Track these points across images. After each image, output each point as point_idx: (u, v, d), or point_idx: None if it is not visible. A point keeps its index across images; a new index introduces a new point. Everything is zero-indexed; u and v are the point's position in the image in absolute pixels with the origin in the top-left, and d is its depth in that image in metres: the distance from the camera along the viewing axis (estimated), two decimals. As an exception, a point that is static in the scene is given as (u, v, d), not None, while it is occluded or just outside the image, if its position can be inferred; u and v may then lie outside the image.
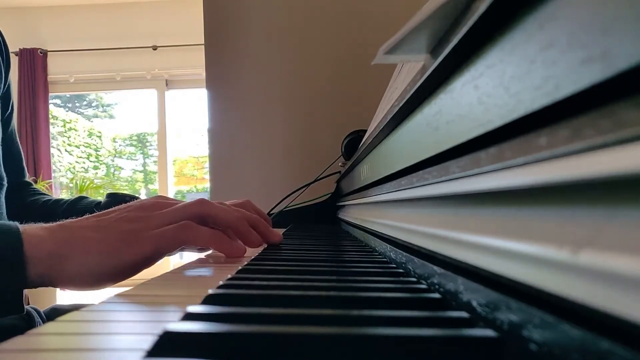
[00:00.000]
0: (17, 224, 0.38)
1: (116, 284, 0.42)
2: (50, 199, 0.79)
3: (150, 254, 0.40)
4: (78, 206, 0.75)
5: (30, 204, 0.77)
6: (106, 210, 0.43)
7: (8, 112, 0.76)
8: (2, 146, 0.75)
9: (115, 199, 0.73)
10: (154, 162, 4.30)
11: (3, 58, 0.71)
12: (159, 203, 0.45)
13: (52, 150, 3.93)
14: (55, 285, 0.39)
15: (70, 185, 4.13)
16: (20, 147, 0.81)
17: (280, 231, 0.81)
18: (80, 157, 4.34)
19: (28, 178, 0.83)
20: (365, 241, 0.58)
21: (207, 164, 2.24)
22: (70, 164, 4.27)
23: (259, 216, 0.57)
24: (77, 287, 0.39)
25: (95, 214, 0.43)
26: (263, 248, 0.51)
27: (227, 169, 1.37)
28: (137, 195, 0.77)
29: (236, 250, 0.44)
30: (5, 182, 0.67)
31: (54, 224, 0.40)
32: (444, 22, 0.23)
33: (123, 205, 0.44)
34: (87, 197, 0.78)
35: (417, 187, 0.31)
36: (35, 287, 0.38)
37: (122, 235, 0.40)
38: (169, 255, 0.50)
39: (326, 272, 0.34)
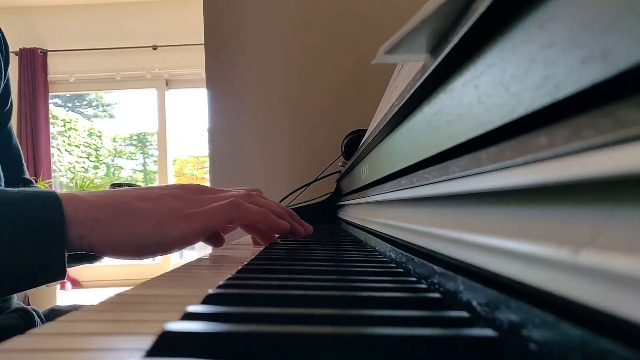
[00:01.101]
0: (52, 189, 0.38)
1: (114, 283, 0.42)
2: None
3: (199, 230, 0.40)
4: None
5: None
6: (150, 186, 0.44)
7: (7, 108, 0.75)
8: (0, 144, 0.74)
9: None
10: (154, 161, 4.30)
11: (2, 53, 0.71)
12: (203, 189, 0.45)
13: (52, 150, 3.93)
14: (94, 251, 0.38)
15: (71, 185, 4.13)
16: (19, 145, 0.81)
17: None
18: (80, 157, 4.34)
19: (28, 175, 0.83)
20: (365, 241, 0.58)
21: (207, 164, 2.24)
22: (70, 163, 4.27)
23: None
24: (116, 255, 0.39)
25: (137, 187, 0.43)
26: (263, 247, 0.51)
27: (227, 168, 1.37)
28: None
29: (283, 227, 0.46)
30: (1, 181, 0.66)
31: (96, 191, 0.41)
32: (444, 22, 0.23)
33: (163, 185, 0.45)
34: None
35: (417, 186, 0.31)
36: (76, 251, 0.38)
37: (170, 210, 0.40)
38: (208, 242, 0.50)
39: (326, 272, 0.34)
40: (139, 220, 0.38)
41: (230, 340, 0.17)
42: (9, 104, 0.75)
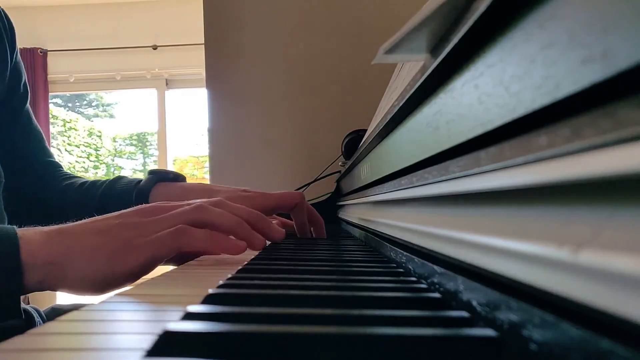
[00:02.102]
0: (14, 228, 0.38)
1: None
2: (86, 182, 0.74)
3: (146, 261, 0.39)
4: (117, 187, 0.70)
5: (64, 189, 0.73)
6: (107, 215, 0.43)
7: (21, 92, 0.73)
8: (20, 128, 0.72)
9: (158, 175, 0.69)
10: (154, 161, 4.30)
11: (7, 33, 0.70)
12: (158, 208, 0.44)
13: (52, 150, 3.92)
14: (54, 290, 0.39)
15: (71, 184, 4.13)
16: (39, 127, 0.77)
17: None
18: (81, 157, 4.34)
19: (53, 157, 0.79)
20: (365, 241, 0.58)
21: (207, 164, 2.24)
22: (71, 163, 4.27)
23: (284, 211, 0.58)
24: (76, 293, 0.39)
25: (95, 217, 0.43)
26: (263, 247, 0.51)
27: (227, 168, 1.37)
28: (182, 175, 0.72)
29: (235, 248, 0.43)
30: (2, 178, 0.65)
31: (54, 227, 0.40)
32: (444, 22, 0.23)
33: (125, 210, 0.44)
34: (125, 177, 0.73)
35: (417, 186, 0.31)
36: (34, 291, 0.38)
37: (119, 242, 0.39)
38: (171, 263, 0.50)
39: (326, 272, 0.34)
40: (89, 258, 0.38)
41: (230, 340, 0.17)
42: (22, 87, 0.73)
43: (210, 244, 0.42)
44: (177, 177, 0.70)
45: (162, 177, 0.69)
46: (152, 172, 0.70)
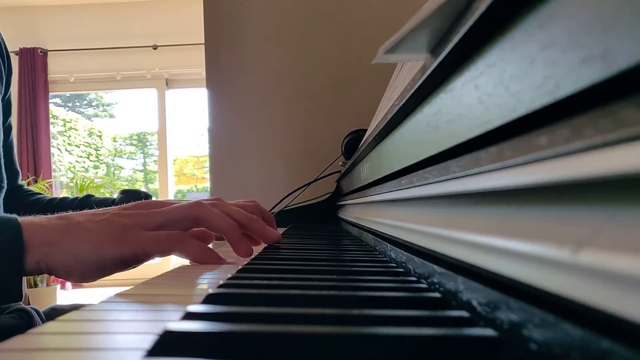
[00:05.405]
0: (15, 215, 0.39)
1: (114, 283, 0.42)
2: (55, 198, 0.79)
3: (138, 253, 0.40)
4: (91, 200, 0.75)
5: (33, 204, 0.77)
6: (106, 208, 0.44)
7: (10, 117, 0.77)
8: (2, 150, 0.76)
9: (129, 194, 0.73)
10: (154, 161, 4.30)
11: (4, 63, 0.72)
12: (158, 202, 0.45)
13: (52, 150, 3.93)
14: (50, 273, 0.39)
15: (71, 184, 4.13)
16: (15, 150, 0.82)
17: (280, 231, 0.81)
18: (81, 157, 4.34)
19: (21, 181, 0.84)
20: (365, 240, 0.58)
21: (207, 164, 2.24)
22: (71, 163, 4.27)
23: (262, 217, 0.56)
24: (69, 277, 0.40)
25: (94, 209, 0.43)
26: (263, 247, 0.51)
27: (227, 168, 1.37)
28: (150, 194, 0.78)
29: (219, 263, 0.43)
30: (5, 185, 0.67)
31: (54, 215, 0.41)
32: (445, 22, 0.23)
33: (123, 205, 0.45)
34: (94, 196, 0.79)
35: (417, 186, 0.31)
36: (32, 274, 0.39)
37: (114, 228, 0.40)
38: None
39: (326, 272, 0.34)
40: (84, 241, 0.39)
41: (230, 340, 0.17)
42: (10, 112, 0.78)
43: (202, 259, 0.42)
44: (147, 196, 0.76)
45: (134, 195, 0.74)
46: (124, 192, 0.76)
